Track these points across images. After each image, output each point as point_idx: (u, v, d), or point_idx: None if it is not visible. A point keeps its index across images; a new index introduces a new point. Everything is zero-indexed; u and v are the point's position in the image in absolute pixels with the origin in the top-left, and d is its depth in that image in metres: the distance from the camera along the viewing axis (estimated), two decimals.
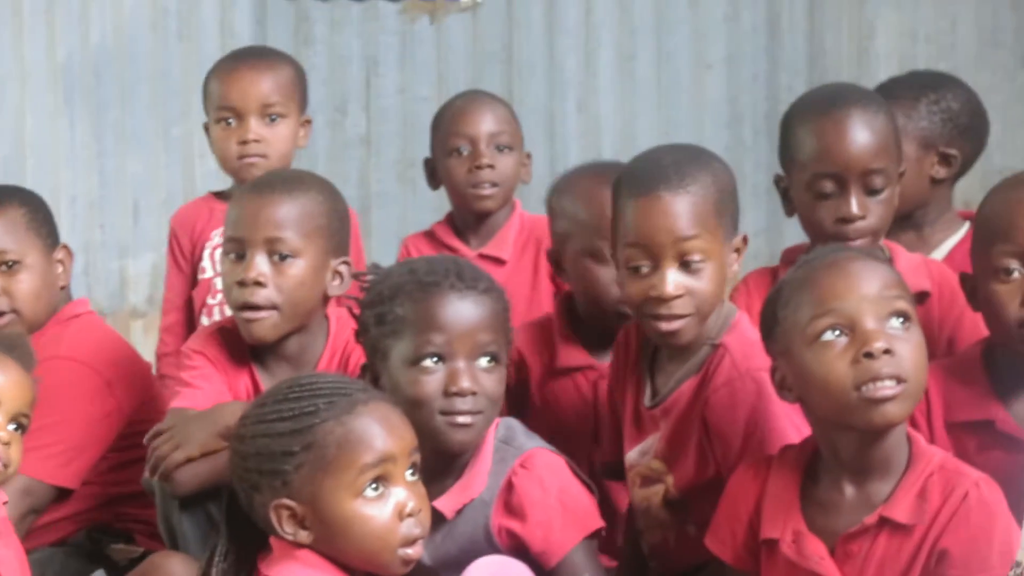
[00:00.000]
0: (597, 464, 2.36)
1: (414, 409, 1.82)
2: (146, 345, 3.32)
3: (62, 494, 2.37)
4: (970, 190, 3.09)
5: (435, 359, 1.86)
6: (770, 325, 1.84)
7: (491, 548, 1.93)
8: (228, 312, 2.50)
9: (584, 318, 2.43)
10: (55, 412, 2.32)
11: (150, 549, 2.30)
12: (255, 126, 2.71)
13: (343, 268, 2.29)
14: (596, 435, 2.42)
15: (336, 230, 2.32)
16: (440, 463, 1.90)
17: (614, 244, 2.12)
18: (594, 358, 2.41)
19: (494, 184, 2.78)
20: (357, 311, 2.03)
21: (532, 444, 2.03)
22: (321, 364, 2.32)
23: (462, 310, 1.93)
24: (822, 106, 2.37)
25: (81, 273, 3.79)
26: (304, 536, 1.68)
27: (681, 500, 2.10)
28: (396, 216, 3.48)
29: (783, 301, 1.82)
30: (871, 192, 2.26)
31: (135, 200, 3.99)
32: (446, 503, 1.89)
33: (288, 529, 1.68)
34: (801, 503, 1.85)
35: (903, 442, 1.82)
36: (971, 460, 1.88)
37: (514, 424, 2.07)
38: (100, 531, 2.46)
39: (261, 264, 2.17)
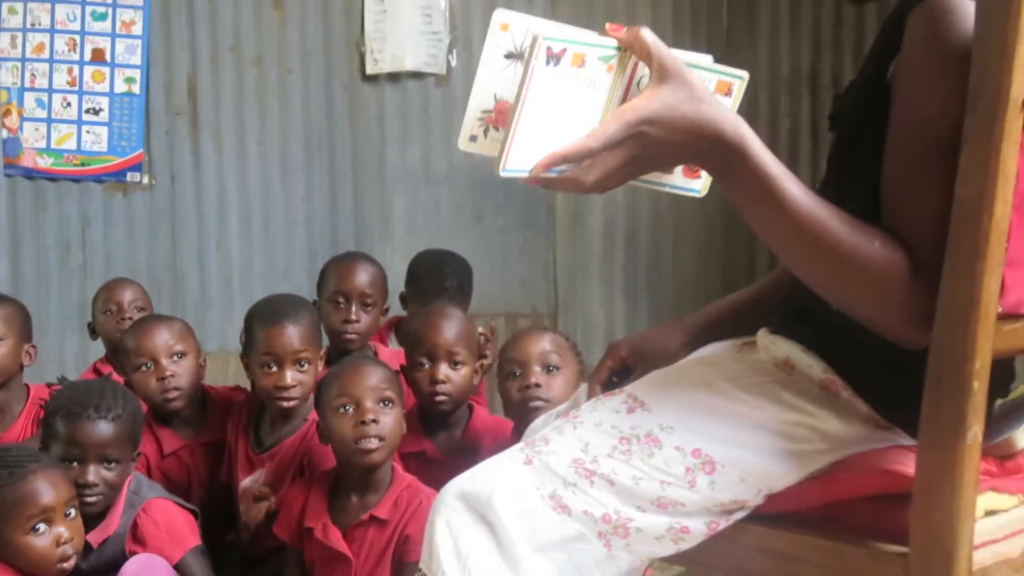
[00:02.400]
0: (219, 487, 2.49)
1: None
2: None
3: None
4: None
5: (73, 463, 2.03)
6: (320, 402, 2.13)
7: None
8: None
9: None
10: None
11: None
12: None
13: (31, 350, 2.56)
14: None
15: (25, 327, 2.58)
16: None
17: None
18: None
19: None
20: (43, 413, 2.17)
21: (153, 494, 2.16)
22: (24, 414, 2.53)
23: (93, 432, 2.03)
24: (342, 259, 2.84)
25: None
26: None
27: (277, 510, 2.29)
28: None
29: (325, 386, 2.13)
30: (364, 308, 2.67)
31: None
32: (93, 537, 2.04)
33: None
34: (328, 506, 2.13)
35: (388, 470, 2.11)
36: (416, 474, 2.21)
37: (143, 480, 2.20)
38: None
39: None
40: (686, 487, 1.25)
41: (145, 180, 3.95)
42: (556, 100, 1.08)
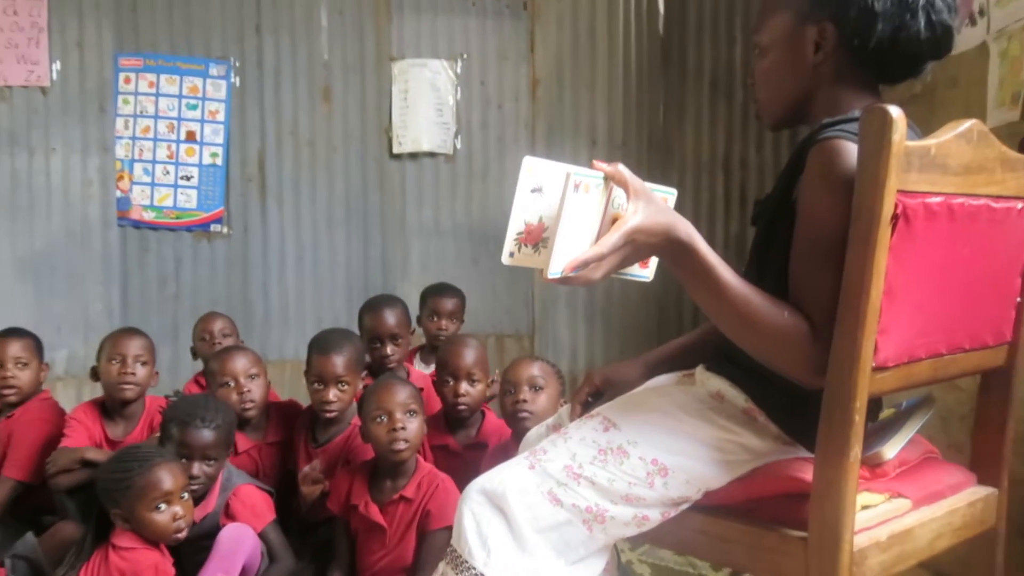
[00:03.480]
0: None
1: None
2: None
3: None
4: None
5: (184, 459, 2.02)
6: (362, 411, 2.13)
7: None
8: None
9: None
10: None
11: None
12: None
13: (156, 375, 2.52)
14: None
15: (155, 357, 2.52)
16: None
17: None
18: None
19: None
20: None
21: (241, 481, 2.15)
22: (143, 420, 2.48)
23: (198, 437, 2.04)
24: (372, 308, 2.69)
25: None
26: (128, 526, 1.85)
27: (328, 490, 2.26)
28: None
29: (365, 399, 2.12)
30: (395, 343, 2.61)
31: None
32: (196, 513, 2.01)
33: (120, 523, 1.86)
34: (368, 488, 2.12)
35: (413, 461, 2.11)
36: (441, 462, 2.25)
37: (233, 470, 2.18)
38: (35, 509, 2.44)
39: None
40: (647, 487, 1.29)
41: (224, 230, 3.93)
42: (575, 218, 1.11)
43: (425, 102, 3.98)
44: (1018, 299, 1.41)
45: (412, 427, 2.06)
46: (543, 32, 4.04)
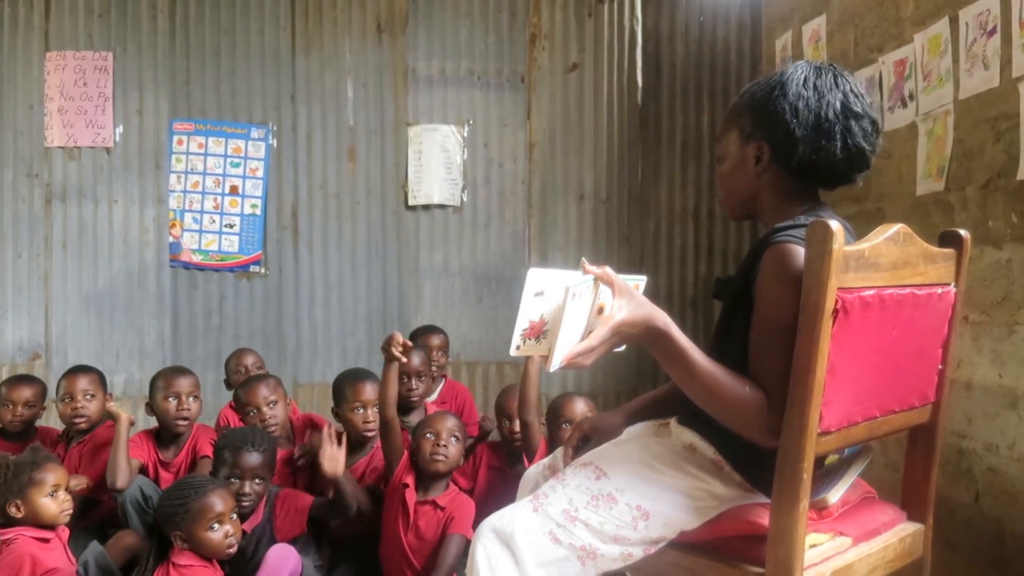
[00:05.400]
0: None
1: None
2: None
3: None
4: None
5: (235, 480, 2.03)
6: (415, 430, 2.15)
7: (270, 542, 2.06)
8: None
9: None
10: None
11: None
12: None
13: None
14: None
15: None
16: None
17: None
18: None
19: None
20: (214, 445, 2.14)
21: (278, 490, 2.16)
22: (188, 444, 2.47)
23: (249, 460, 2.04)
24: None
25: None
26: (186, 546, 1.85)
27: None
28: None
29: (421, 424, 2.13)
30: (420, 379, 2.57)
31: None
32: (247, 525, 2.03)
33: (179, 543, 1.86)
34: (416, 484, 2.14)
35: (448, 482, 2.16)
36: (496, 480, 2.30)
37: (273, 488, 2.17)
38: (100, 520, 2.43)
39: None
40: (632, 529, 1.33)
41: (262, 271, 3.91)
42: (571, 318, 1.14)
43: (436, 161, 3.96)
44: (939, 367, 1.46)
45: (453, 447, 2.12)
46: (538, 103, 4.08)
